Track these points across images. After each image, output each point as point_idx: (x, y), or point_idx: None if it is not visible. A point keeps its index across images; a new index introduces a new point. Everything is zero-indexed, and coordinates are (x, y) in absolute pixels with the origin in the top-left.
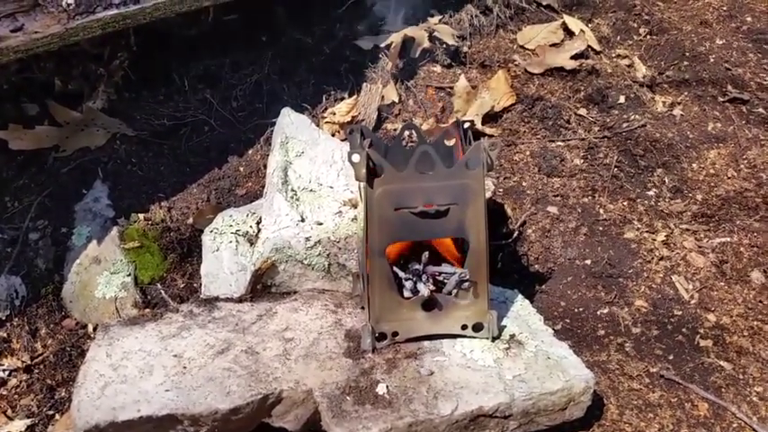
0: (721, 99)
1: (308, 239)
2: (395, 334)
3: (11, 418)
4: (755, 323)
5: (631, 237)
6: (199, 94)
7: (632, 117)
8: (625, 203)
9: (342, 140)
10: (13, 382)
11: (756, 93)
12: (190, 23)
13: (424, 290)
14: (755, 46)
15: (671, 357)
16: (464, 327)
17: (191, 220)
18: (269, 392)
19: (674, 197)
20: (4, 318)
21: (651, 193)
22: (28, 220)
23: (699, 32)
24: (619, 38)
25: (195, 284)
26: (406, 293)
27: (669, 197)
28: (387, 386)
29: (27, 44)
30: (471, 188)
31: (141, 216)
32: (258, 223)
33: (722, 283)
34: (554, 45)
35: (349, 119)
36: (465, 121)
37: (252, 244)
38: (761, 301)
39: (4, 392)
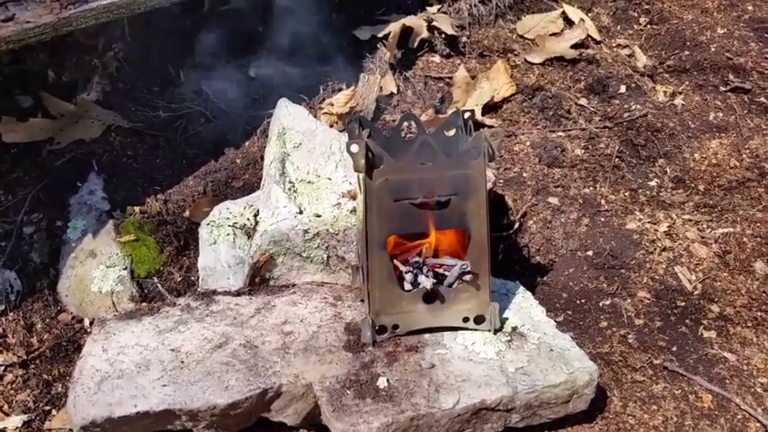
0: (723, 88)
1: (306, 232)
2: (395, 327)
3: (7, 414)
4: (759, 313)
5: (633, 227)
6: (194, 86)
7: (633, 107)
8: (627, 194)
9: (340, 131)
10: (9, 377)
11: (758, 82)
12: (185, 13)
13: (427, 282)
14: (757, 35)
15: (674, 349)
16: (465, 319)
17: (187, 213)
18: (268, 387)
19: (676, 187)
20: None
21: (653, 183)
22: (22, 213)
23: (700, 21)
24: (619, 27)
25: (192, 278)
26: (407, 286)
27: (671, 187)
28: (387, 380)
29: (19, 34)
30: (472, 178)
31: (137, 209)
32: (256, 216)
33: (725, 274)
34: (554, 34)
35: (347, 110)
36: (465, 111)
37: (249, 237)
38: (764, 292)
39: (0, 388)
